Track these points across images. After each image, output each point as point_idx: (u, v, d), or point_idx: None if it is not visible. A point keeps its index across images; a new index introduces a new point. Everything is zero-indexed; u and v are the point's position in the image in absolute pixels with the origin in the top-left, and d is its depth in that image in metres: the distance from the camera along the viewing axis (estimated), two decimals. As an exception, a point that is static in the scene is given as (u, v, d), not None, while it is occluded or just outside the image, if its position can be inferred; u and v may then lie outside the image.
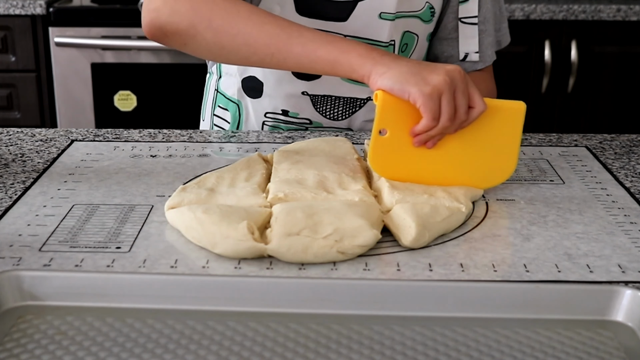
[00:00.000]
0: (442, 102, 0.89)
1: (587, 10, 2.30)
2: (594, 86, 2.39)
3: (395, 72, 0.91)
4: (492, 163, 0.97)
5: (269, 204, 0.89)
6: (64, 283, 0.74)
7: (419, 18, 1.22)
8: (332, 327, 0.70)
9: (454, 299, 0.73)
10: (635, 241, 0.87)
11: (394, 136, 0.93)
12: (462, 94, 0.90)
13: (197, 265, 0.80)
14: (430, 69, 0.91)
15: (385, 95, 0.91)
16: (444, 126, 0.90)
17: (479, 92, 0.92)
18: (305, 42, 0.97)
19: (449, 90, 0.89)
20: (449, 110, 0.89)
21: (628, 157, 1.14)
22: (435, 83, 0.89)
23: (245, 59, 1.03)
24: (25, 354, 0.66)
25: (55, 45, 2.35)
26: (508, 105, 0.96)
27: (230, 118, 1.27)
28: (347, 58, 0.94)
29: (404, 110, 0.91)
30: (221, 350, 0.67)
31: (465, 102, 0.90)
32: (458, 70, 0.91)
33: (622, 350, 0.68)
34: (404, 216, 0.85)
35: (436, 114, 0.89)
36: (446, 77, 0.89)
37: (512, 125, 0.96)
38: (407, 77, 0.90)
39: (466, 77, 0.91)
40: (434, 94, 0.89)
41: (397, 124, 0.93)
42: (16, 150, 1.13)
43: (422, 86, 0.89)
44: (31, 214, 0.91)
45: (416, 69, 0.91)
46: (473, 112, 0.92)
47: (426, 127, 0.91)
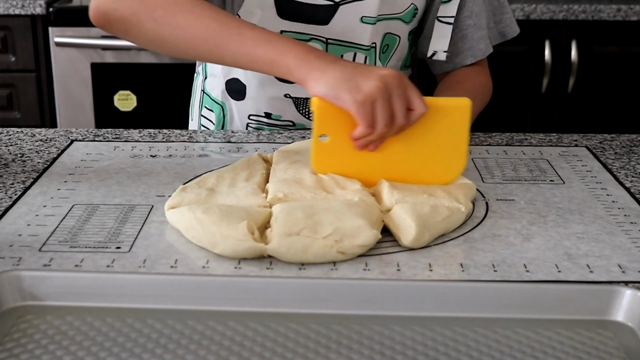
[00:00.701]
0: (376, 109, 0.88)
1: (587, 10, 2.30)
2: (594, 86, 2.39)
3: (329, 77, 0.89)
4: (440, 161, 0.96)
5: (268, 204, 0.89)
6: (64, 283, 0.74)
7: (401, 19, 1.22)
8: (332, 327, 0.70)
9: (454, 299, 0.73)
10: (635, 241, 0.87)
11: (335, 140, 0.93)
12: (398, 98, 0.88)
13: (197, 265, 0.80)
14: (364, 74, 0.89)
15: (321, 102, 0.90)
16: (381, 132, 0.89)
17: (418, 94, 0.90)
18: (244, 39, 0.95)
19: (383, 97, 0.87)
20: (384, 117, 0.88)
21: (628, 157, 1.14)
22: (367, 90, 0.87)
23: (184, 53, 1.02)
24: (25, 354, 0.66)
25: (55, 45, 2.35)
26: (453, 102, 0.95)
27: (215, 119, 1.28)
28: (284, 59, 0.93)
29: (341, 115, 0.90)
30: (221, 350, 0.67)
31: (402, 106, 0.89)
32: (393, 75, 0.89)
33: (622, 350, 0.68)
34: (403, 216, 0.85)
35: (371, 122, 0.88)
36: (379, 83, 0.87)
37: (459, 123, 0.95)
38: (340, 83, 0.88)
39: (403, 80, 0.90)
40: (367, 102, 0.87)
41: (336, 128, 0.92)
42: (16, 150, 1.13)
43: (354, 93, 0.87)
44: (31, 214, 0.91)
45: (350, 74, 0.89)
46: (413, 115, 0.90)
47: (362, 134, 0.90)
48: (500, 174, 1.06)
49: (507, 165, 1.10)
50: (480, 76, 1.29)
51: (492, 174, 1.06)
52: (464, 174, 1.03)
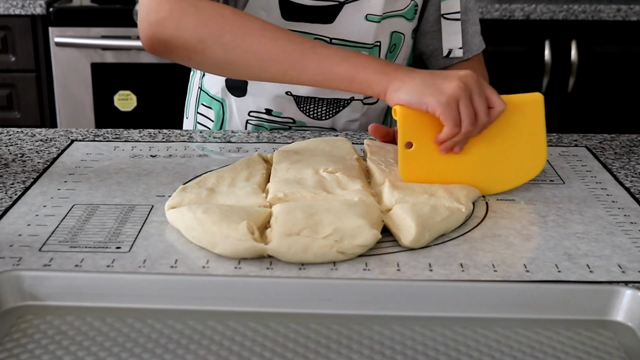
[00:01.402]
0: (460, 108, 0.90)
1: (587, 10, 2.30)
2: (594, 86, 2.39)
3: (410, 85, 0.92)
4: (522, 158, 0.98)
5: (268, 203, 0.89)
6: (64, 283, 0.74)
7: (403, 17, 1.22)
8: (332, 327, 0.70)
9: (454, 299, 0.73)
10: (635, 241, 0.87)
11: (420, 147, 0.94)
12: (478, 96, 0.91)
13: (197, 265, 0.80)
14: (443, 77, 0.92)
15: (404, 109, 0.92)
16: (467, 131, 0.91)
17: (495, 92, 0.93)
18: (321, 58, 0.97)
19: (465, 96, 0.90)
20: (469, 115, 0.90)
21: (628, 157, 1.14)
22: (450, 91, 0.90)
23: (256, 75, 1.02)
24: (25, 354, 0.66)
25: (55, 45, 2.35)
26: (526, 98, 0.97)
27: (214, 116, 1.27)
28: (364, 75, 0.95)
29: (424, 121, 0.92)
30: (221, 350, 0.67)
31: (483, 104, 0.91)
32: (471, 75, 0.92)
33: (622, 350, 0.68)
34: (404, 216, 0.85)
35: (457, 121, 0.90)
36: (460, 83, 0.90)
37: (534, 117, 0.97)
38: (422, 89, 0.91)
39: (480, 80, 0.92)
40: (451, 102, 0.90)
41: (421, 135, 0.94)
42: (16, 150, 1.13)
43: (438, 96, 0.90)
44: (31, 214, 0.91)
45: (430, 80, 0.92)
46: (493, 112, 0.93)
47: (450, 135, 0.91)
48: (500, 174, 1.06)
49: (507, 165, 1.10)
50: (476, 71, 1.29)
51: (492, 174, 1.06)
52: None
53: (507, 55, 2.34)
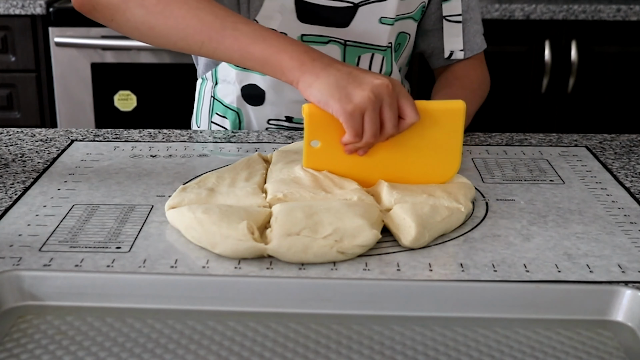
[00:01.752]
0: (365, 119, 0.87)
1: (587, 10, 2.30)
2: (594, 86, 2.39)
3: (322, 84, 0.88)
4: (434, 163, 0.96)
5: (268, 204, 0.89)
6: (64, 283, 0.74)
7: (412, 18, 1.22)
8: (332, 327, 0.70)
9: (454, 299, 0.73)
10: (635, 241, 0.87)
11: (326, 145, 0.93)
12: (389, 107, 0.88)
13: (197, 265, 0.80)
14: (357, 82, 0.88)
15: (312, 108, 0.91)
16: (368, 142, 0.89)
17: (411, 102, 0.89)
18: (238, 35, 0.93)
19: (373, 108, 0.87)
20: (371, 127, 0.87)
21: (628, 157, 1.14)
22: (357, 101, 0.86)
23: (173, 44, 0.99)
24: (25, 354, 0.66)
25: (55, 45, 2.35)
26: (446, 105, 0.95)
27: (230, 126, 1.26)
28: (277, 59, 0.92)
29: (332, 121, 0.90)
30: (221, 350, 0.67)
31: (392, 116, 0.88)
32: (386, 85, 0.87)
33: (622, 350, 0.68)
34: (403, 216, 0.85)
35: (358, 131, 0.88)
36: (370, 94, 0.86)
37: (453, 125, 0.94)
38: (332, 91, 0.87)
39: (396, 89, 0.88)
40: (356, 112, 0.87)
41: (327, 134, 0.92)
42: (16, 150, 1.13)
43: (344, 103, 0.86)
44: (31, 214, 0.91)
45: (344, 81, 0.88)
46: (403, 124, 0.90)
47: (350, 142, 0.89)
48: (500, 174, 1.06)
49: (507, 165, 1.10)
50: (477, 70, 1.30)
51: (492, 174, 1.06)
52: (464, 174, 1.04)
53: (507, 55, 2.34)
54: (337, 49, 1.18)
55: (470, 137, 1.22)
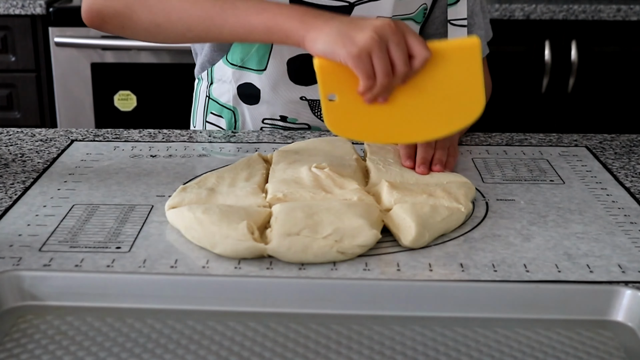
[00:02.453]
0: (373, 60, 0.86)
1: (587, 10, 2.30)
2: (594, 86, 2.39)
3: (325, 35, 0.88)
4: (457, 105, 0.93)
5: (268, 203, 0.89)
6: (64, 283, 0.74)
7: (413, 20, 1.22)
8: (332, 327, 0.70)
9: (454, 299, 0.73)
10: (635, 241, 0.87)
11: (345, 98, 0.90)
12: (396, 46, 0.86)
13: (197, 265, 0.80)
14: (359, 27, 0.87)
15: (322, 61, 0.89)
16: (383, 83, 0.87)
17: (420, 40, 0.88)
18: (239, 12, 0.96)
19: (379, 47, 0.85)
20: (382, 67, 0.86)
21: (628, 157, 1.14)
22: (362, 43, 0.86)
23: (182, 36, 1.02)
24: (25, 354, 0.66)
25: (55, 45, 2.35)
26: (460, 43, 0.92)
27: (225, 125, 1.26)
28: (280, 25, 0.92)
29: (345, 72, 0.88)
30: (221, 350, 0.67)
31: (402, 54, 0.86)
32: (388, 24, 0.86)
33: (622, 350, 0.68)
34: (403, 216, 0.85)
35: (370, 73, 0.86)
36: (374, 34, 0.86)
37: (470, 64, 0.90)
38: (336, 39, 0.87)
39: (400, 28, 0.87)
40: (363, 54, 0.86)
41: (343, 86, 0.90)
42: (16, 150, 1.13)
43: (349, 47, 0.86)
44: (31, 214, 0.91)
45: (345, 29, 0.87)
46: (415, 62, 0.87)
47: (365, 87, 0.88)
48: (500, 174, 1.06)
49: (507, 165, 1.10)
50: None
51: (492, 174, 1.06)
52: (464, 173, 1.04)
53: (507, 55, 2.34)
54: None
55: (470, 137, 1.22)
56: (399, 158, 1.02)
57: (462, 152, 1.15)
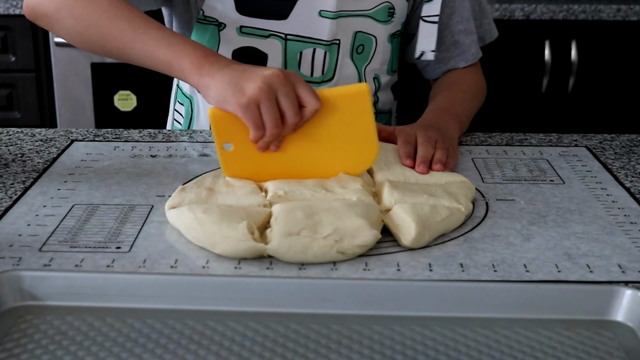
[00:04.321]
0: (262, 110, 0.88)
1: (587, 10, 2.30)
2: (594, 86, 2.39)
3: (217, 83, 0.90)
4: (351, 151, 0.94)
5: (268, 202, 0.89)
6: (64, 283, 0.74)
7: (372, 18, 1.21)
8: (332, 327, 0.70)
9: (454, 299, 0.73)
10: (635, 241, 0.87)
11: (239, 146, 0.92)
12: (285, 96, 0.88)
13: (197, 265, 0.80)
14: (248, 76, 0.89)
15: (215, 111, 0.91)
16: (272, 133, 0.89)
17: (309, 89, 0.89)
18: (148, 40, 0.98)
19: (267, 97, 0.87)
20: (270, 117, 0.88)
21: (628, 157, 1.14)
22: (250, 93, 0.87)
23: (99, 50, 1.05)
24: (25, 354, 0.66)
25: (55, 45, 2.35)
26: (349, 90, 0.93)
27: (184, 113, 1.30)
28: (180, 64, 0.95)
29: (237, 120, 0.90)
30: (221, 350, 0.67)
31: (291, 104, 0.88)
32: (277, 74, 0.88)
33: (622, 350, 0.68)
34: (403, 216, 0.85)
35: (259, 123, 0.88)
36: (262, 85, 0.87)
37: (360, 110, 0.92)
38: (227, 89, 0.89)
39: (290, 78, 0.89)
40: (251, 104, 0.87)
41: (237, 134, 0.91)
42: (16, 150, 1.13)
43: (238, 97, 0.88)
44: (31, 214, 0.91)
45: (236, 78, 0.89)
46: (305, 112, 0.89)
47: (255, 137, 0.89)
48: (500, 174, 1.06)
49: (507, 165, 1.10)
50: (475, 76, 1.30)
51: (492, 174, 1.06)
52: (464, 173, 1.04)
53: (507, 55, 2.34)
54: (277, 44, 1.19)
55: (470, 137, 1.22)
56: (399, 157, 1.02)
57: (462, 152, 1.15)
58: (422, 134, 1.04)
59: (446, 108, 1.19)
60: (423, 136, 1.04)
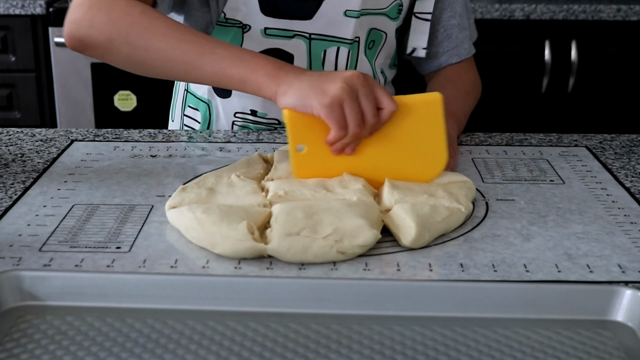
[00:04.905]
0: (345, 110, 0.88)
1: (587, 10, 2.30)
2: (594, 86, 2.39)
3: (297, 89, 0.90)
4: (421, 159, 0.95)
5: (268, 202, 0.89)
6: (64, 283, 0.74)
7: (386, 15, 1.22)
8: (332, 327, 0.70)
9: (454, 299, 0.73)
10: (635, 241, 0.87)
11: (312, 149, 0.93)
12: (365, 97, 0.89)
13: (197, 265, 0.80)
14: (329, 79, 0.90)
15: (292, 113, 0.91)
16: (354, 133, 0.89)
17: (386, 92, 0.91)
18: (217, 59, 0.97)
19: (350, 97, 0.88)
20: (354, 117, 0.88)
21: (628, 157, 1.14)
22: (333, 93, 0.88)
23: (162, 74, 1.03)
24: (25, 354, 0.66)
25: (55, 45, 2.35)
26: (423, 98, 0.95)
27: (201, 118, 1.28)
28: (254, 78, 0.94)
29: (314, 123, 0.90)
30: (221, 350, 0.67)
31: (371, 105, 0.89)
32: (357, 75, 0.89)
33: (622, 350, 0.68)
34: (403, 216, 0.85)
35: (342, 123, 0.89)
36: (344, 85, 0.88)
37: (433, 118, 0.93)
38: (307, 92, 0.89)
39: (368, 80, 0.90)
40: (335, 104, 0.88)
41: (312, 137, 0.92)
42: (16, 150, 1.13)
43: (321, 98, 0.88)
44: (31, 214, 0.91)
45: (316, 82, 0.90)
46: (383, 113, 0.90)
47: (336, 137, 0.90)
48: (500, 174, 1.06)
49: (507, 165, 1.10)
50: (468, 73, 1.31)
51: (492, 174, 1.06)
52: (464, 173, 1.04)
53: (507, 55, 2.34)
54: (302, 44, 1.19)
55: (470, 137, 1.22)
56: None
57: (462, 152, 1.15)
58: None
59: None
60: None
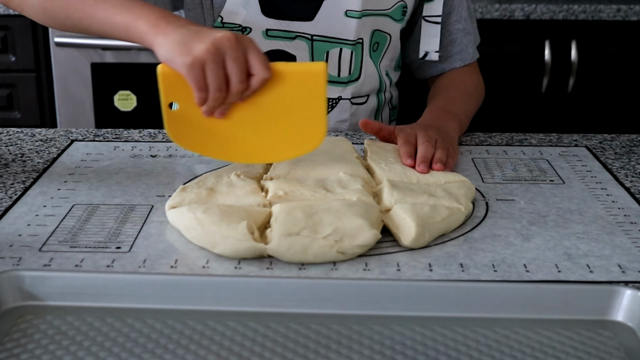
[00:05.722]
0: (206, 72, 0.85)
1: (587, 10, 2.30)
2: (594, 86, 2.39)
3: (170, 41, 0.87)
4: (299, 130, 0.92)
5: (268, 202, 0.89)
6: (64, 283, 0.74)
7: (390, 17, 1.22)
8: (332, 327, 0.70)
9: (454, 299, 0.73)
10: (635, 241, 0.87)
11: (184, 108, 0.90)
12: (233, 61, 0.85)
13: (197, 265, 0.80)
14: (199, 37, 0.86)
15: (165, 68, 0.88)
16: (215, 97, 0.86)
17: (261, 58, 0.86)
18: (108, 7, 0.97)
19: (213, 60, 0.84)
20: (214, 80, 0.85)
21: (628, 157, 1.14)
22: (196, 53, 0.84)
23: (62, 23, 1.04)
24: (25, 354, 0.66)
25: (55, 45, 2.35)
26: (306, 67, 0.92)
27: None
28: (137, 25, 0.92)
29: (185, 81, 0.87)
30: (221, 350, 0.67)
31: (238, 70, 0.85)
32: (228, 37, 0.85)
33: (622, 350, 0.68)
34: (403, 216, 0.85)
35: (201, 85, 0.85)
36: (209, 46, 0.84)
37: (315, 89, 0.89)
38: (176, 47, 0.86)
39: (242, 43, 0.86)
40: (195, 65, 0.84)
41: (184, 96, 0.88)
42: (16, 150, 1.13)
43: (184, 56, 0.85)
44: (31, 214, 0.91)
45: (187, 37, 0.86)
46: (253, 80, 0.86)
47: (198, 99, 0.87)
48: (500, 174, 1.06)
49: (507, 165, 1.10)
50: (472, 76, 1.31)
51: (492, 174, 1.06)
52: (464, 173, 1.04)
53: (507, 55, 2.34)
54: (304, 45, 1.19)
55: (470, 137, 1.22)
56: (399, 157, 1.02)
57: (462, 152, 1.15)
58: (422, 134, 1.04)
59: (445, 108, 1.19)
60: (423, 136, 1.04)
